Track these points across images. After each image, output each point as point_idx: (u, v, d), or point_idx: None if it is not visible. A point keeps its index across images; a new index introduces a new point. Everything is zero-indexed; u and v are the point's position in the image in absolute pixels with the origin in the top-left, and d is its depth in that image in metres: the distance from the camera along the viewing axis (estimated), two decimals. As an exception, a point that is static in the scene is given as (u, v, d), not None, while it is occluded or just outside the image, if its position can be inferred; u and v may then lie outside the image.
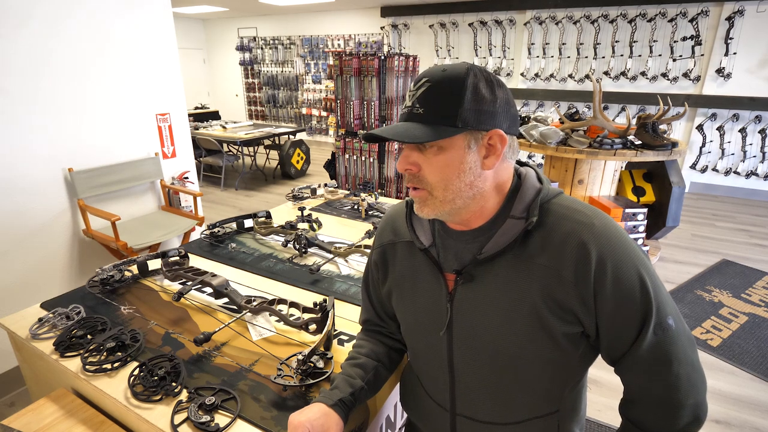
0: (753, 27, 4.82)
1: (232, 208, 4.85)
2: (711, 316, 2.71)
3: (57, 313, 1.13)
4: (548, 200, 0.67)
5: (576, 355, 0.68)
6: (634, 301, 0.61)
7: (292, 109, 8.85)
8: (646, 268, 0.63)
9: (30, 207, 2.18)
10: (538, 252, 0.64)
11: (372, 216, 1.97)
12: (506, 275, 0.66)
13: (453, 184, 0.64)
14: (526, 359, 0.67)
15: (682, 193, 3.03)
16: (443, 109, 0.62)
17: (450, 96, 0.61)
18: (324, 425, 0.70)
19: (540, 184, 0.69)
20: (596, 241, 0.61)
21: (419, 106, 0.63)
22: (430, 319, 0.74)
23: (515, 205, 0.67)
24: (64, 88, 2.24)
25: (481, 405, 0.73)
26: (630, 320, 0.62)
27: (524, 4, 5.87)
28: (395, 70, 3.88)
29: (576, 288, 0.62)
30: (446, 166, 0.64)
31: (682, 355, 0.64)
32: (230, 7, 7.23)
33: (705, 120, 5.27)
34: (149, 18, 2.58)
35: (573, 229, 0.63)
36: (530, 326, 0.65)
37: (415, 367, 0.85)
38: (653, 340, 0.63)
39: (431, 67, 0.65)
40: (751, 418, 1.95)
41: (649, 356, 0.63)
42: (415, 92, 0.64)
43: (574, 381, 0.72)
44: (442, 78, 0.62)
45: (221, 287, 1.19)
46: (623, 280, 0.61)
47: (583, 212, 0.64)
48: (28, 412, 0.94)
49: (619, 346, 0.65)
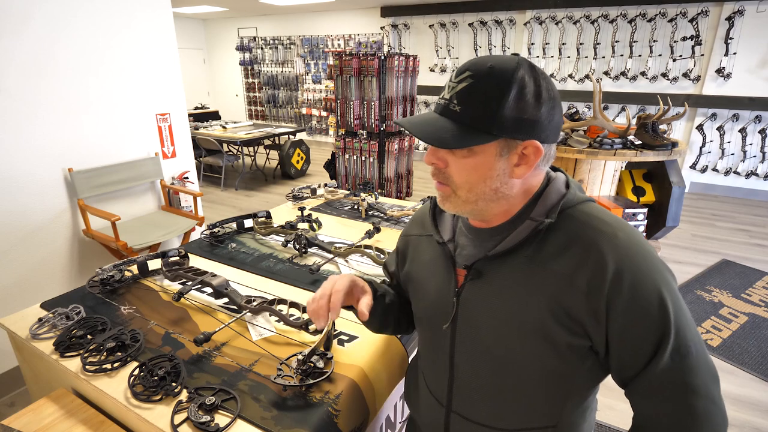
0: (753, 27, 4.82)
1: (232, 208, 4.85)
2: (711, 316, 2.71)
3: (57, 313, 1.13)
4: (573, 206, 0.64)
5: (581, 369, 0.65)
6: (650, 319, 0.57)
7: (292, 109, 8.84)
8: (669, 288, 0.58)
9: (30, 207, 2.18)
10: (553, 257, 0.62)
11: (372, 216, 1.96)
12: (516, 277, 0.64)
13: (477, 187, 0.63)
14: (525, 366, 0.66)
15: (682, 193, 3.03)
16: (482, 111, 0.58)
17: (492, 98, 0.57)
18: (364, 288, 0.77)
19: (566, 189, 0.67)
20: (616, 252, 0.58)
21: (457, 102, 0.60)
22: (438, 311, 0.74)
23: (537, 207, 0.65)
24: (65, 88, 2.24)
25: (477, 405, 0.73)
26: (644, 340, 0.58)
27: (524, 4, 5.87)
28: (395, 70, 3.88)
29: (587, 298, 0.59)
30: (474, 170, 0.62)
31: (702, 387, 0.58)
32: (230, 7, 7.23)
33: (705, 120, 5.27)
34: (149, 18, 2.58)
35: (593, 238, 0.60)
36: (533, 331, 0.63)
37: (421, 358, 0.86)
38: (669, 366, 0.58)
39: (477, 59, 0.60)
40: (751, 418, 1.95)
41: (663, 383, 0.59)
42: (455, 85, 0.60)
43: (577, 397, 0.68)
44: (487, 75, 0.58)
45: (221, 287, 1.19)
46: (640, 296, 0.57)
47: (608, 222, 0.61)
48: (28, 412, 0.94)
49: (630, 366, 0.61)
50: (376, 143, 4.06)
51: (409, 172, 4.47)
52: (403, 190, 4.42)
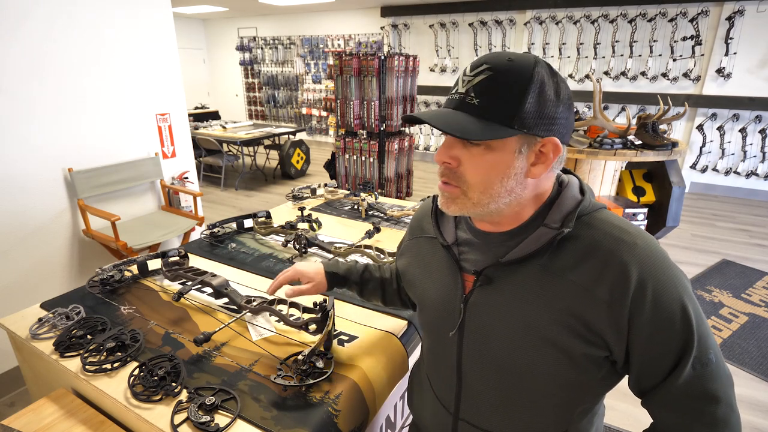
0: (753, 27, 4.81)
1: (232, 208, 4.85)
2: (711, 317, 2.71)
3: (57, 313, 1.13)
4: (588, 213, 0.62)
5: (596, 377, 0.63)
6: (673, 329, 0.56)
7: (292, 109, 8.84)
8: (690, 298, 0.57)
9: (30, 207, 2.18)
10: (571, 267, 0.59)
11: (372, 216, 1.96)
12: (529, 286, 0.62)
13: (493, 187, 0.60)
14: (537, 374, 0.64)
15: (682, 193, 3.03)
16: (502, 104, 0.56)
17: (512, 91, 0.55)
18: (312, 279, 0.97)
19: (581, 195, 0.64)
20: (638, 262, 0.56)
21: (475, 95, 0.57)
22: (444, 317, 0.72)
23: (551, 213, 0.62)
24: (65, 88, 2.24)
25: (485, 413, 0.71)
26: (667, 350, 0.57)
27: (524, 4, 5.87)
28: (395, 70, 3.88)
29: (609, 309, 0.57)
30: (491, 168, 0.59)
31: (722, 394, 0.58)
32: (230, 7, 7.23)
33: (705, 120, 5.27)
34: (149, 18, 2.58)
35: (613, 247, 0.58)
36: (546, 343, 0.61)
37: (427, 363, 0.84)
38: (691, 375, 0.57)
39: (494, 53, 0.59)
40: (751, 418, 1.95)
41: (685, 392, 0.58)
42: (472, 78, 0.58)
43: (588, 403, 0.68)
44: (507, 68, 0.56)
45: (221, 287, 1.19)
46: (664, 306, 0.56)
47: (627, 230, 0.59)
48: (28, 412, 0.94)
49: (651, 377, 0.60)
50: (376, 143, 4.06)
51: (409, 172, 4.47)
52: (403, 190, 4.42)
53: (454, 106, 0.59)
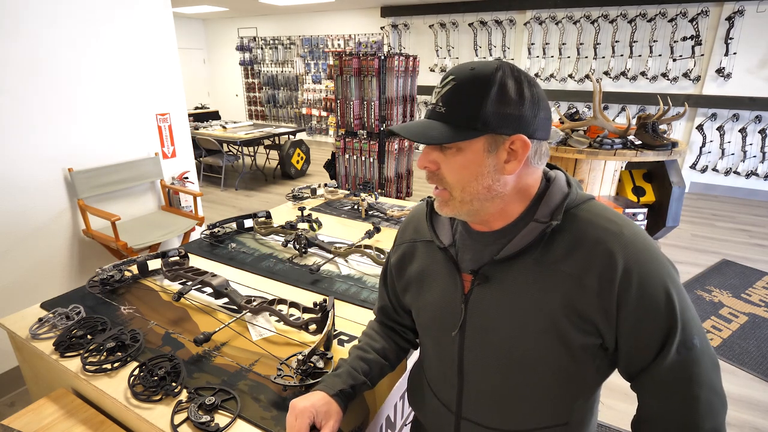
0: (753, 27, 4.82)
1: (232, 208, 4.85)
2: (711, 316, 2.71)
3: (57, 313, 1.13)
4: (576, 205, 0.65)
5: (591, 367, 0.66)
6: (658, 315, 0.59)
7: (292, 109, 8.85)
8: (675, 284, 0.60)
9: (30, 207, 2.18)
10: (561, 259, 0.62)
11: (372, 216, 1.96)
12: (525, 280, 0.64)
13: (470, 186, 0.63)
14: (537, 368, 0.66)
15: (682, 193, 3.03)
16: (465, 109, 0.60)
17: (473, 96, 0.60)
18: (328, 412, 0.74)
19: (568, 188, 0.67)
20: (624, 250, 0.59)
21: (442, 104, 0.62)
22: (444, 318, 0.73)
23: (540, 208, 0.65)
24: (65, 88, 2.24)
25: (488, 410, 0.72)
26: (652, 335, 0.60)
27: (524, 4, 5.87)
28: (395, 70, 3.88)
29: (598, 297, 0.60)
30: (464, 168, 0.63)
31: (705, 377, 0.61)
32: (230, 7, 7.23)
33: (705, 120, 5.28)
34: (149, 18, 2.58)
35: (600, 236, 0.61)
36: (546, 335, 0.63)
37: (426, 365, 0.84)
38: (676, 359, 0.60)
39: (461, 65, 0.64)
40: (751, 418, 1.95)
41: (670, 375, 0.61)
42: (441, 89, 0.63)
43: (587, 394, 0.70)
44: (469, 77, 0.61)
45: (221, 287, 1.19)
46: (649, 292, 0.59)
47: (613, 220, 0.62)
48: (28, 412, 0.94)
49: (638, 361, 0.63)
50: (376, 143, 4.06)
51: (409, 172, 4.47)
52: (403, 190, 4.42)
53: (427, 116, 0.65)
